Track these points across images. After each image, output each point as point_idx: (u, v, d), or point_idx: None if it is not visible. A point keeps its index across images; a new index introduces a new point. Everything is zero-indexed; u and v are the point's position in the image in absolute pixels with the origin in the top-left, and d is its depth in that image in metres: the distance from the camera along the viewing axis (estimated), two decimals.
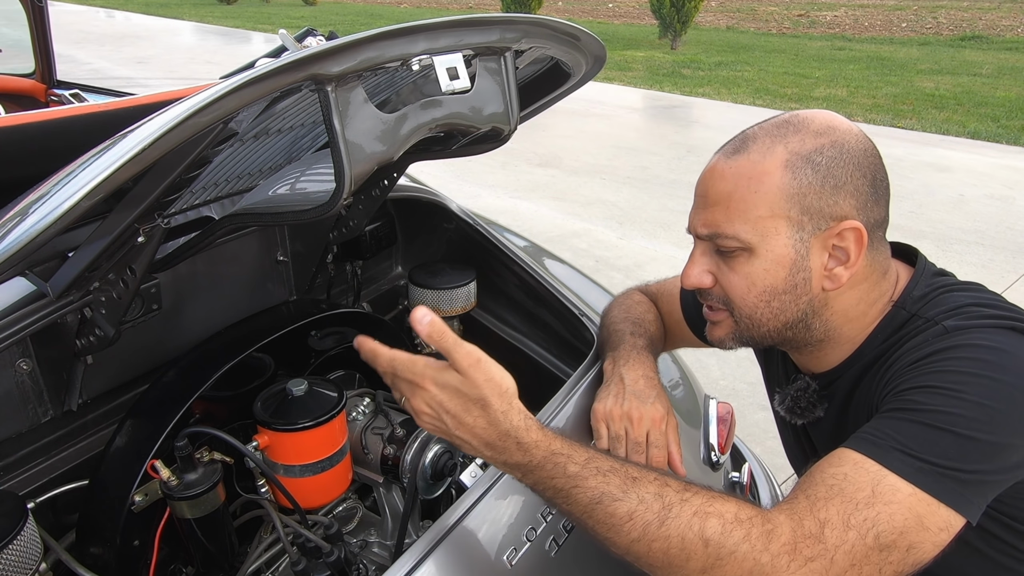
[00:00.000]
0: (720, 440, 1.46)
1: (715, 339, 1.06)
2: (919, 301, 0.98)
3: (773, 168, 0.92)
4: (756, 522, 0.80)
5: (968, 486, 0.81)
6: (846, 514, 0.80)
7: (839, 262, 0.95)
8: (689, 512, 0.80)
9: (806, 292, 0.96)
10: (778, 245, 0.93)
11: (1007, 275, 4.35)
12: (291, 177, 1.25)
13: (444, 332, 0.83)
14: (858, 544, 0.78)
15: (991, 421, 0.82)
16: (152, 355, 1.33)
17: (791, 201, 0.92)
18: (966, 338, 0.88)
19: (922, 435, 0.82)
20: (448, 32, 0.96)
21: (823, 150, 0.92)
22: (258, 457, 1.11)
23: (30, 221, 0.75)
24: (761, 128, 0.97)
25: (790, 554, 0.78)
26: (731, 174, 0.94)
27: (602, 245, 4.79)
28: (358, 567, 1.14)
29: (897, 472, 0.81)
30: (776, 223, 0.93)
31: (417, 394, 0.86)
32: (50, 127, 1.48)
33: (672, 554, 0.79)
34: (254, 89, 0.77)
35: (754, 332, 1.01)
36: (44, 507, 1.13)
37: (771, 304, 0.97)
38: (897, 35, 15.01)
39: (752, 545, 0.78)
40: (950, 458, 0.81)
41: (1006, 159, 6.78)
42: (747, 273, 0.96)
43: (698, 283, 1.01)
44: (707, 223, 0.97)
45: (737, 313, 1.00)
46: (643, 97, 9.77)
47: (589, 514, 0.82)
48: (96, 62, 11.75)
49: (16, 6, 2.92)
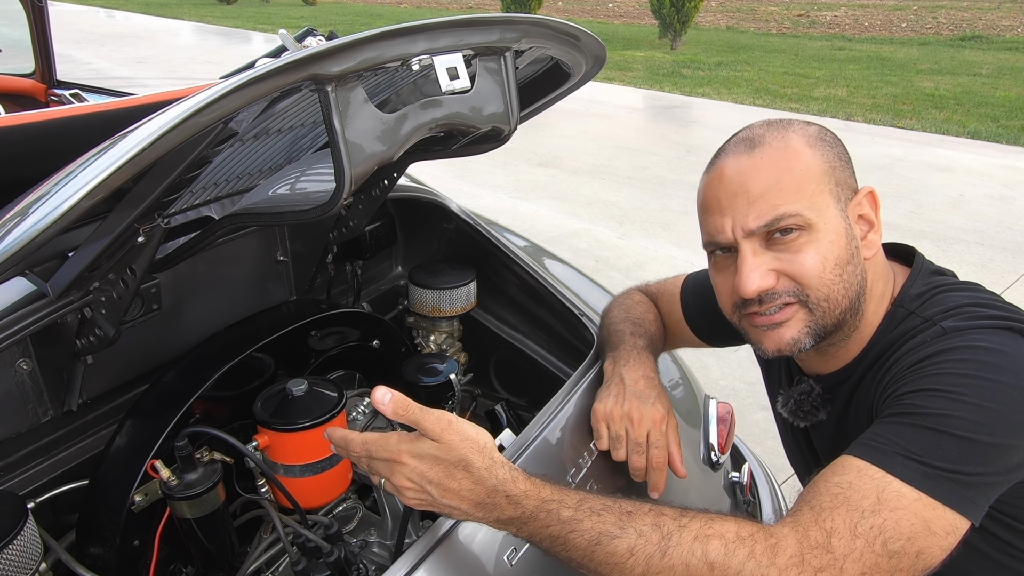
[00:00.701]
0: (720, 440, 1.46)
1: (786, 343, 0.98)
2: (917, 299, 0.98)
3: (801, 148, 0.95)
4: (759, 538, 0.79)
5: (971, 488, 0.81)
6: (852, 522, 0.79)
7: (867, 229, 0.99)
8: (689, 538, 0.79)
9: (859, 262, 0.97)
10: (832, 217, 0.95)
11: (1007, 275, 4.35)
12: (291, 177, 1.25)
13: (408, 405, 0.83)
14: (866, 552, 0.78)
15: (992, 423, 0.82)
16: (152, 355, 1.33)
17: (828, 175, 0.96)
18: (965, 339, 0.88)
19: (924, 439, 0.82)
20: (448, 32, 0.96)
21: (823, 132, 0.98)
22: (258, 457, 1.11)
23: (30, 221, 0.75)
24: (755, 128, 0.99)
25: (798, 566, 0.77)
26: (765, 164, 0.95)
27: (602, 245, 4.79)
28: (358, 567, 1.14)
29: (901, 478, 0.81)
30: (824, 197, 0.95)
31: (396, 471, 0.84)
32: (50, 127, 1.48)
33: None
34: (254, 89, 0.77)
35: (829, 317, 0.96)
36: (44, 507, 1.13)
37: (843, 276, 0.95)
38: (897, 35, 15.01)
39: (758, 562, 0.77)
40: (953, 461, 0.81)
41: (1006, 159, 6.78)
42: (816, 250, 0.94)
43: (762, 284, 0.95)
44: (762, 213, 0.93)
45: (813, 297, 0.95)
46: (643, 97, 9.77)
47: (590, 556, 0.81)
48: (96, 62, 11.75)
49: (16, 6, 2.92)
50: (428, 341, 1.76)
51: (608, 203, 5.56)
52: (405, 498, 0.86)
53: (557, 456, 1.15)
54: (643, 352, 1.22)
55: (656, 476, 1.10)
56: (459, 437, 0.83)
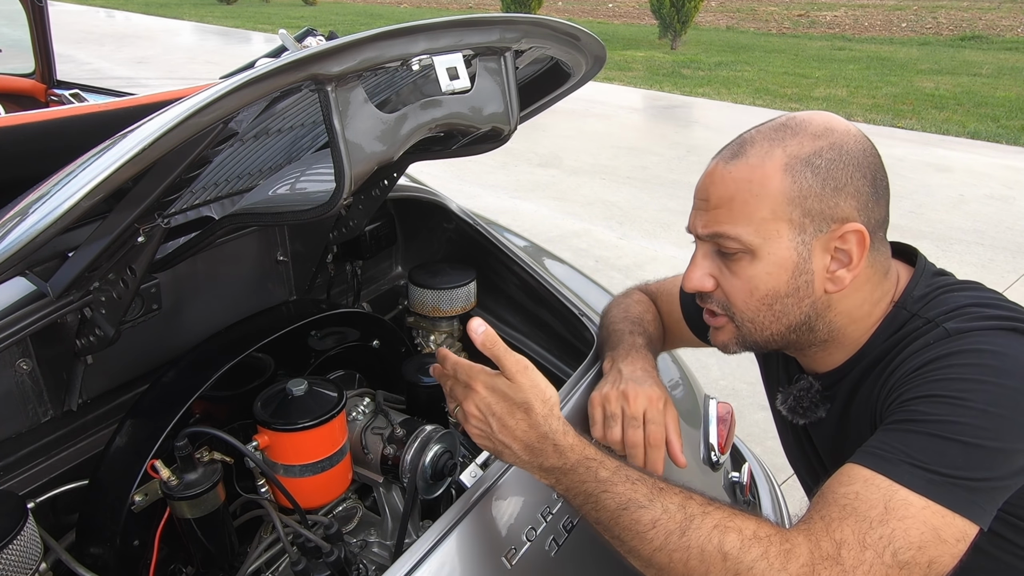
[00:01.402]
0: (720, 440, 1.46)
1: (718, 344, 1.06)
2: (919, 301, 0.97)
3: (773, 172, 0.92)
4: (774, 541, 0.79)
5: (978, 493, 0.81)
6: (861, 533, 0.79)
7: (841, 264, 0.94)
8: (710, 525, 0.81)
9: (808, 295, 0.95)
10: (780, 248, 0.93)
11: (1007, 275, 4.35)
12: (291, 177, 1.25)
13: (496, 341, 0.89)
14: (876, 563, 0.78)
15: (997, 428, 0.81)
16: (152, 355, 1.33)
17: (792, 204, 0.91)
18: (968, 342, 0.88)
19: (930, 446, 0.82)
20: (448, 32, 0.96)
21: (822, 152, 0.92)
22: (258, 457, 1.11)
23: (30, 221, 0.75)
24: (759, 132, 0.97)
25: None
26: (731, 178, 0.94)
27: (602, 245, 4.79)
28: (358, 567, 1.14)
29: (908, 486, 0.80)
30: (778, 226, 0.92)
31: (469, 397, 0.91)
32: (50, 127, 1.48)
33: (692, 566, 0.80)
34: (254, 89, 0.77)
35: (757, 336, 1.00)
36: (44, 507, 1.13)
37: (773, 308, 0.96)
38: (897, 35, 15.01)
39: (770, 563, 0.78)
40: (959, 467, 0.80)
41: (1006, 159, 6.78)
42: (749, 277, 0.95)
43: (699, 286, 1.00)
44: (708, 224, 0.96)
45: (739, 318, 0.99)
46: (643, 97, 9.77)
47: (615, 520, 0.84)
48: (96, 62, 11.75)
49: (16, 6, 2.92)
50: (428, 341, 1.76)
51: (608, 203, 5.56)
52: (468, 426, 0.92)
53: None
54: (641, 350, 1.23)
55: (654, 455, 1.08)
56: (529, 382, 0.89)
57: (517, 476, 1.08)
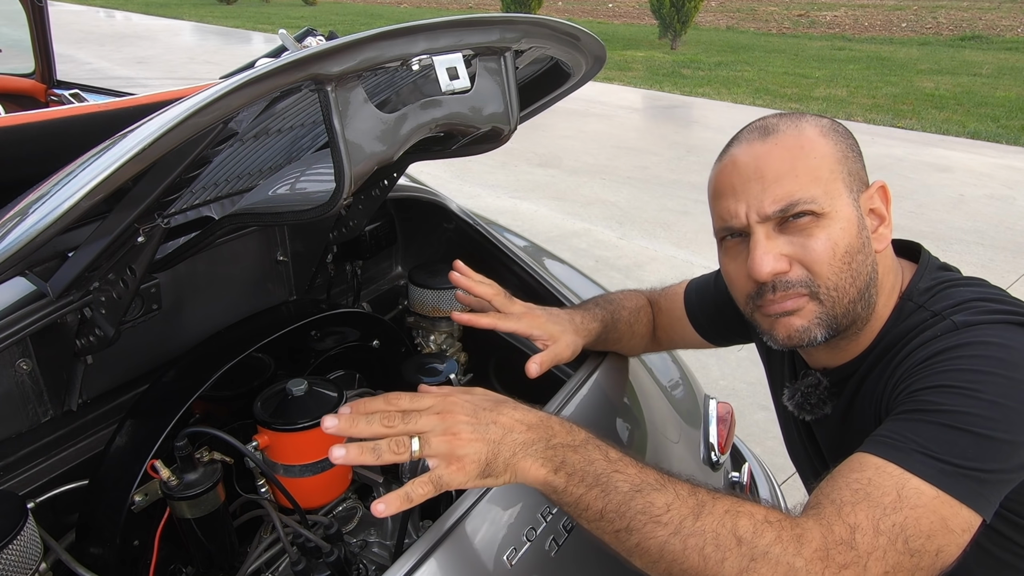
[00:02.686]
0: (720, 440, 1.46)
1: (795, 332, 0.98)
2: (925, 293, 0.98)
3: (815, 136, 0.96)
4: (786, 525, 0.79)
5: (986, 485, 0.81)
6: (875, 519, 0.79)
7: (878, 222, 0.99)
8: (721, 509, 0.79)
9: (871, 252, 0.98)
10: (844, 205, 0.95)
11: (1007, 275, 4.35)
12: (291, 177, 1.25)
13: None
14: (889, 550, 0.78)
15: (1008, 419, 0.82)
16: (152, 355, 1.33)
17: (841, 164, 0.96)
18: (976, 335, 0.88)
19: (941, 436, 0.82)
20: (448, 32, 0.96)
21: (835, 124, 0.99)
22: (258, 457, 1.11)
23: (30, 221, 0.75)
24: (770, 119, 1.01)
25: (823, 560, 0.77)
26: (779, 149, 0.95)
27: (602, 245, 4.79)
28: (358, 567, 1.14)
29: (920, 475, 0.80)
30: (837, 186, 0.95)
31: (448, 412, 0.84)
32: (50, 127, 1.48)
33: (707, 552, 0.77)
34: (254, 89, 0.77)
35: (838, 307, 0.96)
36: (44, 507, 1.13)
37: (851, 266, 0.95)
38: (897, 35, 15.01)
39: (784, 548, 0.77)
40: (970, 458, 0.80)
41: (1006, 159, 6.78)
42: (827, 236, 0.94)
43: (775, 268, 0.95)
44: (778, 197, 0.94)
45: (823, 285, 0.95)
46: (643, 97, 9.77)
47: (628, 503, 0.80)
48: (96, 62, 11.75)
49: (16, 6, 2.92)
50: (428, 341, 1.76)
51: (608, 203, 5.56)
52: (461, 441, 0.82)
53: None
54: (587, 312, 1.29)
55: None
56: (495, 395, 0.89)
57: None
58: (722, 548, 0.77)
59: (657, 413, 1.48)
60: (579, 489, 0.82)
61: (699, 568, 0.78)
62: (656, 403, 1.52)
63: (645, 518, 0.79)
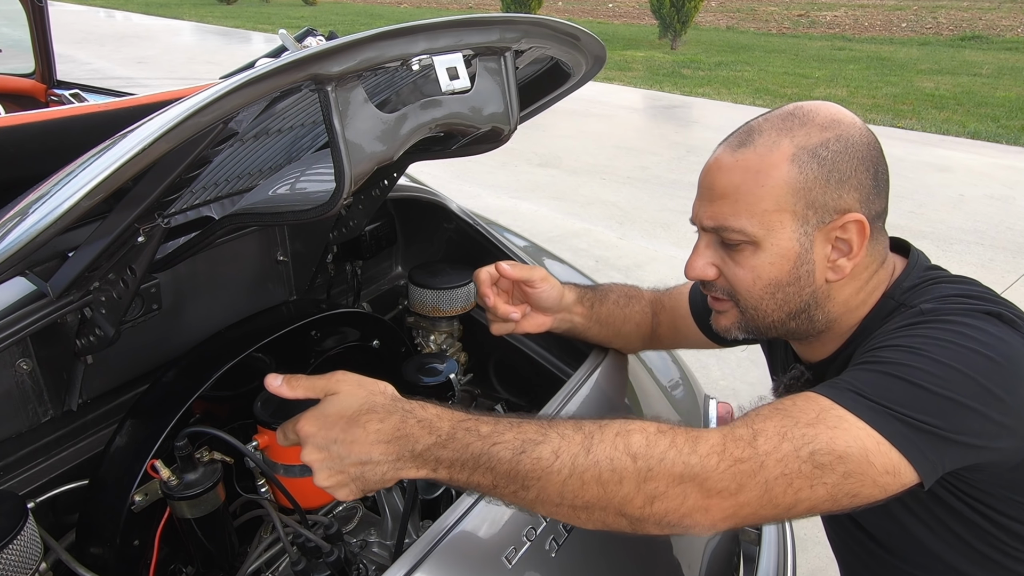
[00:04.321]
0: None
1: (720, 328, 1.06)
2: (908, 291, 0.98)
3: (779, 162, 0.92)
4: (679, 431, 0.81)
5: (920, 434, 0.80)
6: (784, 428, 0.80)
7: (842, 253, 0.95)
8: (611, 434, 0.79)
9: (809, 284, 0.96)
10: (783, 239, 0.93)
11: (1007, 275, 4.35)
12: (291, 177, 1.25)
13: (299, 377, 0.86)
14: (791, 455, 0.78)
15: (948, 378, 0.81)
16: (152, 355, 1.33)
17: (797, 195, 0.92)
18: (939, 316, 0.89)
19: (878, 381, 0.83)
20: (448, 32, 0.96)
21: (828, 144, 0.92)
22: (258, 457, 1.11)
23: (30, 221, 0.75)
24: (766, 120, 0.96)
25: (719, 454, 0.78)
26: (737, 167, 0.94)
27: (602, 245, 4.79)
28: (358, 567, 1.14)
29: (847, 407, 0.81)
30: (781, 217, 0.93)
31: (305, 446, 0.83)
32: (50, 127, 1.48)
33: (605, 479, 0.77)
34: (254, 89, 0.77)
35: (759, 322, 1.01)
36: (44, 507, 1.13)
37: (775, 296, 0.97)
38: (897, 35, 15.01)
39: (679, 450, 0.78)
40: (903, 404, 0.80)
41: (1006, 159, 6.78)
42: (752, 266, 0.96)
43: (702, 275, 1.01)
44: (712, 216, 0.97)
45: (743, 304, 1.00)
46: (643, 97, 9.77)
47: (515, 468, 0.78)
48: (96, 62, 11.75)
49: (16, 6, 2.92)
50: (428, 341, 1.76)
51: (608, 203, 5.56)
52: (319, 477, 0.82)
53: None
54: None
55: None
56: (355, 382, 0.83)
57: None
58: (618, 470, 0.77)
59: (657, 413, 1.48)
60: (462, 475, 0.81)
61: (600, 496, 0.78)
62: (656, 403, 1.52)
63: (536, 475, 0.78)
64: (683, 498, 0.77)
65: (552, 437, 0.79)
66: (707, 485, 0.77)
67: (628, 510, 0.78)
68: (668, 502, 0.77)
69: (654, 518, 0.78)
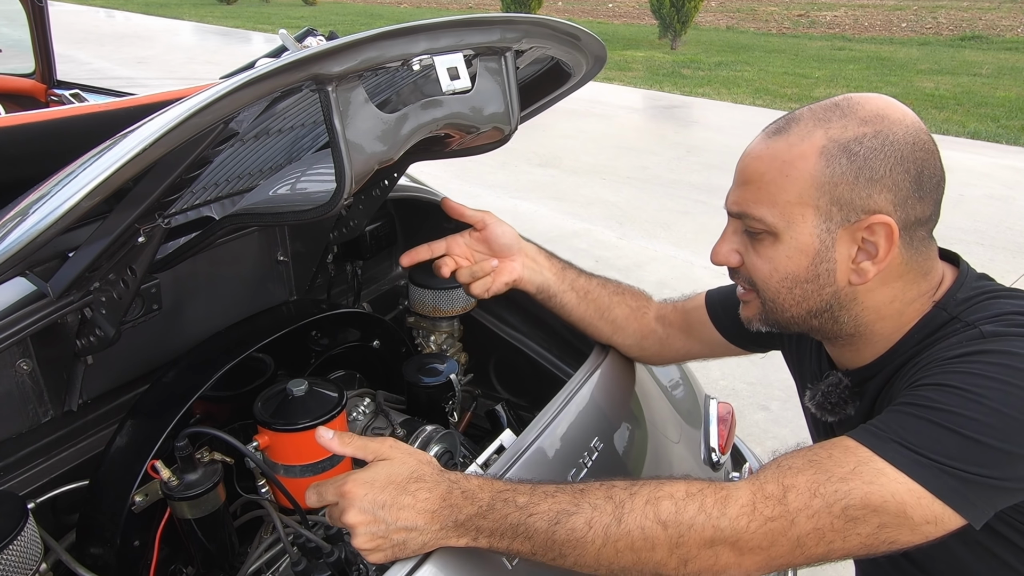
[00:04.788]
0: (720, 440, 1.46)
1: (744, 318, 1.05)
2: (962, 304, 0.93)
3: (808, 153, 0.89)
4: (708, 492, 0.81)
5: (971, 486, 0.78)
6: (815, 484, 0.79)
7: (867, 256, 0.91)
8: (641, 503, 0.82)
9: (830, 283, 0.94)
10: (803, 233, 0.91)
11: (1007, 275, 4.35)
12: (291, 177, 1.25)
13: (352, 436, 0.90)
14: (822, 511, 0.78)
15: (1005, 428, 0.78)
16: (152, 355, 1.33)
17: (821, 190, 0.89)
18: (1001, 344, 0.84)
19: (926, 431, 0.80)
20: (448, 32, 0.96)
21: (863, 139, 0.88)
22: (258, 457, 1.11)
23: (30, 221, 0.75)
24: (809, 110, 0.94)
25: (749, 515, 0.79)
26: (767, 155, 0.93)
27: (602, 245, 4.79)
28: (358, 567, 1.14)
29: (889, 460, 0.79)
30: (803, 210, 0.91)
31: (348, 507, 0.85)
32: (50, 127, 1.48)
33: (638, 547, 0.80)
34: (254, 89, 0.77)
35: (779, 316, 0.99)
36: (44, 507, 1.13)
37: (793, 291, 0.95)
38: (897, 35, 15.01)
39: (708, 514, 0.80)
40: (952, 457, 0.78)
41: (1006, 159, 6.78)
42: (770, 257, 0.95)
43: (725, 260, 1.01)
44: (737, 201, 0.96)
45: (762, 295, 0.99)
46: (643, 97, 9.77)
47: (552, 537, 0.82)
48: (96, 62, 11.75)
49: (16, 6, 2.92)
50: (428, 341, 1.76)
51: (608, 203, 5.56)
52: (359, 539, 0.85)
53: (558, 456, 1.15)
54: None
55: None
56: (406, 451, 0.88)
57: (518, 476, 1.08)
58: (650, 539, 0.80)
59: (657, 413, 1.48)
60: (502, 544, 0.85)
61: (635, 561, 0.81)
62: (656, 403, 1.52)
63: (571, 545, 0.82)
64: (715, 558, 0.80)
65: (584, 508, 0.83)
66: (739, 545, 0.80)
67: (664, 572, 0.82)
68: (701, 563, 0.81)
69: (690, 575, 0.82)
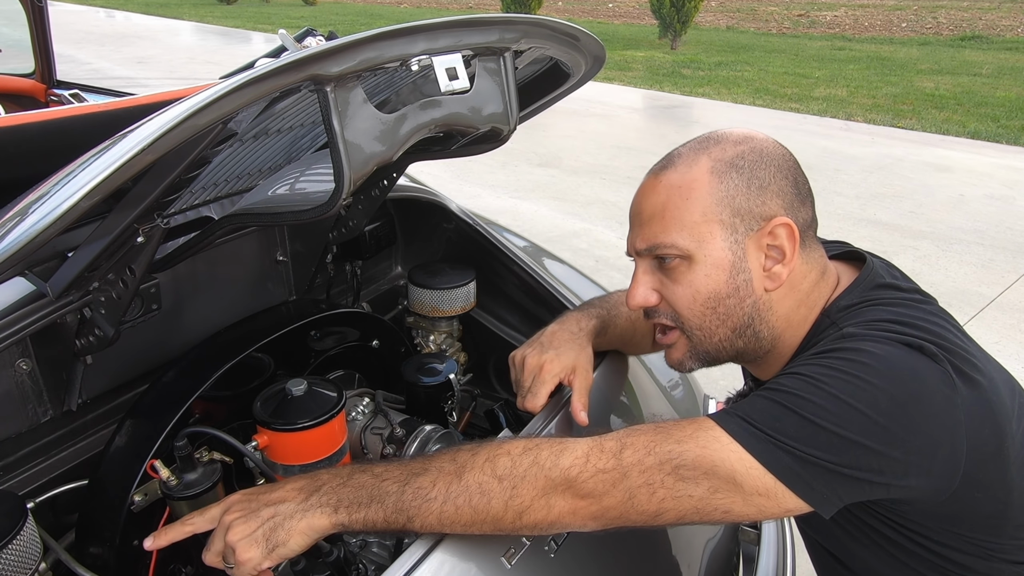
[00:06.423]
0: None
1: (674, 363, 1.06)
2: (843, 311, 0.96)
3: (700, 175, 0.95)
4: (544, 445, 0.86)
5: (807, 466, 0.81)
6: (653, 443, 0.83)
7: (776, 260, 0.96)
8: (481, 460, 0.87)
9: (749, 294, 0.96)
10: (715, 249, 0.95)
11: (1007, 275, 4.35)
12: (290, 177, 1.25)
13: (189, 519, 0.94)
14: (654, 467, 0.82)
15: (842, 414, 0.81)
16: (152, 355, 1.33)
17: (721, 204, 0.94)
18: (855, 343, 0.88)
19: (768, 410, 0.84)
20: (447, 32, 0.96)
21: (744, 155, 0.96)
22: (257, 457, 1.11)
23: (30, 221, 0.75)
24: (685, 145, 1.01)
25: (581, 465, 0.83)
26: (662, 187, 0.97)
27: (602, 245, 4.79)
28: (358, 567, 1.14)
29: (727, 429, 0.83)
30: (710, 227, 0.94)
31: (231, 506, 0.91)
32: (50, 127, 1.48)
33: (475, 503, 0.85)
34: (254, 89, 0.77)
35: (708, 345, 1.00)
36: (44, 507, 1.13)
37: (717, 311, 0.97)
38: (897, 35, 15.01)
39: (541, 465, 0.84)
40: (789, 436, 0.82)
41: (1006, 159, 6.78)
42: (689, 281, 0.97)
43: (644, 302, 1.01)
44: (645, 238, 0.98)
45: (687, 326, 1.00)
46: (643, 97, 9.77)
47: (401, 498, 0.86)
48: (96, 62, 11.75)
49: (16, 6, 2.92)
50: (428, 341, 1.76)
51: (608, 203, 5.56)
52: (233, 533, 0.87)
53: None
54: (581, 312, 1.29)
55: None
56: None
57: None
58: (487, 493, 0.85)
59: (657, 413, 1.48)
60: (360, 512, 0.88)
61: (472, 518, 0.86)
62: (656, 403, 1.52)
63: (419, 501, 0.86)
64: (548, 508, 0.85)
65: (431, 470, 0.88)
66: (570, 492, 0.85)
67: (501, 526, 0.87)
68: (536, 514, 0.86)
69: (526, 529, 0.88)
